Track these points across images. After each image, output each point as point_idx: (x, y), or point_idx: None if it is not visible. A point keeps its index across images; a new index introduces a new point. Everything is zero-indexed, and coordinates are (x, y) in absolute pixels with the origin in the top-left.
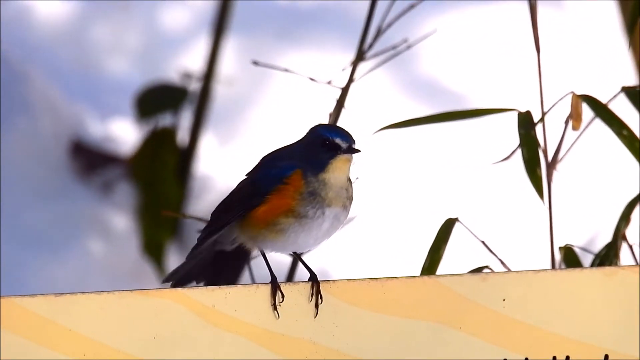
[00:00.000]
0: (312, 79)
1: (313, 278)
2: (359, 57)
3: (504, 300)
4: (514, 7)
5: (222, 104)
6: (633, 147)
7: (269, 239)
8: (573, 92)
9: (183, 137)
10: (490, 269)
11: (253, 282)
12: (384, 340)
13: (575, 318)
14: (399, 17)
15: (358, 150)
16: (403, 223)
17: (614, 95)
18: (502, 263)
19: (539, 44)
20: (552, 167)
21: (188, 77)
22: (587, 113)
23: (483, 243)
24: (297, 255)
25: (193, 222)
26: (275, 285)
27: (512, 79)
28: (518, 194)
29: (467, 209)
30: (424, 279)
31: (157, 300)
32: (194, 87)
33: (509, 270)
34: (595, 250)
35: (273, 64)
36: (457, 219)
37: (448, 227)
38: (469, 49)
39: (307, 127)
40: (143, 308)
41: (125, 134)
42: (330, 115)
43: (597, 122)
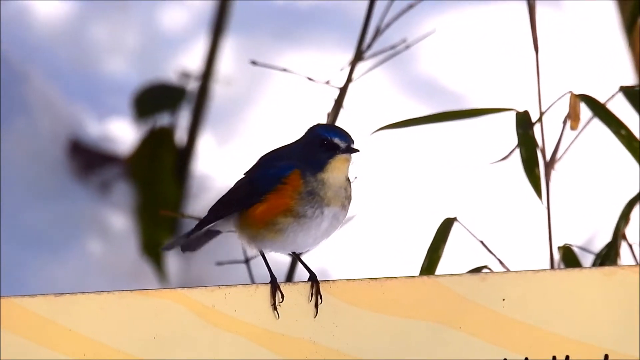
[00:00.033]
0: (310, 79)
1: (313, 278)
2: (358, 57)
3: (504, 300)
4: (513, 7)
5: (220, 104)
6: (631, 146)
7: (268, 239)
8: (571, 91)
9: (181, 136)
10: (489, 269)
11: (253, 282)
12: (384, 340)
13: (575, 318)
14: (398, 17)
15: (356, 150)
16: (402, 223)
17: (612, 95)
18: (501, 263)
19: (538, 44)
20: (550, 166)
21: (186, 76)
22: (585, 113)
23: (482, 243)
24: (296, 255)
25: (191, 221)
26: (275, 285)
27: (510, 79)
28: (516, 194)
29: (465, 209)
30: (424, 279)
31: (157, 300)
32: (192, 86)
33: (508, 270)
34: (594, 250)
35: (271, 64)
36: (455, 219)
37: (447, 226)
38: (468, 49)
39: (305, 126)
40: (143, 308)
41: (124, 134)
42: (329, 115)
43: (595, 121)
